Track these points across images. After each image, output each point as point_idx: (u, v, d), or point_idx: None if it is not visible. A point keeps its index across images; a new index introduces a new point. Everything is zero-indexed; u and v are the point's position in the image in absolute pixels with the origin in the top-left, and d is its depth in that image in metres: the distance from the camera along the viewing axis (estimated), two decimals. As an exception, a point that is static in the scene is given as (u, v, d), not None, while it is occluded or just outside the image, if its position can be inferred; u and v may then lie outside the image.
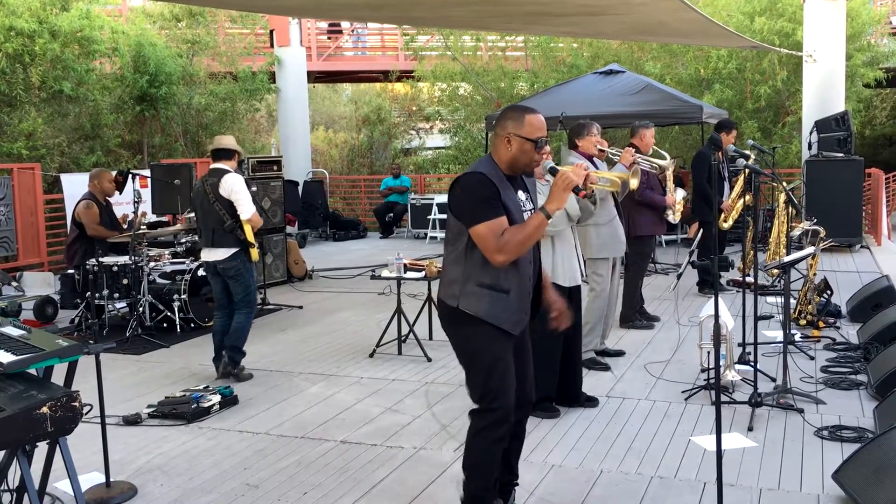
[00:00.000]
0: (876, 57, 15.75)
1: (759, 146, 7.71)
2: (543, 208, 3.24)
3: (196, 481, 4.29)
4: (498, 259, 3.22)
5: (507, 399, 3.35)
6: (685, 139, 16.12)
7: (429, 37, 19.04)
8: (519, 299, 3.36)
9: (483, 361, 3.35)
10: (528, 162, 3.36)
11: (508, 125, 3.35)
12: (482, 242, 3.24)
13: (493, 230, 3.21)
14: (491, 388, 3.34)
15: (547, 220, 3.25)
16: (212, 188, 6.13)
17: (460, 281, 3.34)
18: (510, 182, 3.38)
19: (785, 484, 4.01)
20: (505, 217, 3.25)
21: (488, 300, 3.30)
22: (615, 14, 6.89)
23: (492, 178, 3.28)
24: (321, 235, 15.62)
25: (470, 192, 3.28)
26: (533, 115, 3.35)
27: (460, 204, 3.31)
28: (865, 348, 6.04)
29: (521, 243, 3.22)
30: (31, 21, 12.37)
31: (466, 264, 3.34)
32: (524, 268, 3.37)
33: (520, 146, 3.32)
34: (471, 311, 3.31)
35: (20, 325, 3.67)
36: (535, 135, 3.32)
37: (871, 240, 12.38)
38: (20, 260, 10.78)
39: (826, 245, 7.51)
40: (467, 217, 3.27)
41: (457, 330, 3.42)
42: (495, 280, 3.30)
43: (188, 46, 16.77)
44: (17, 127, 12.68)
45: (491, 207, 3.24)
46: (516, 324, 3.37)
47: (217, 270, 6.20)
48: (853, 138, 11.74)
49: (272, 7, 9.61)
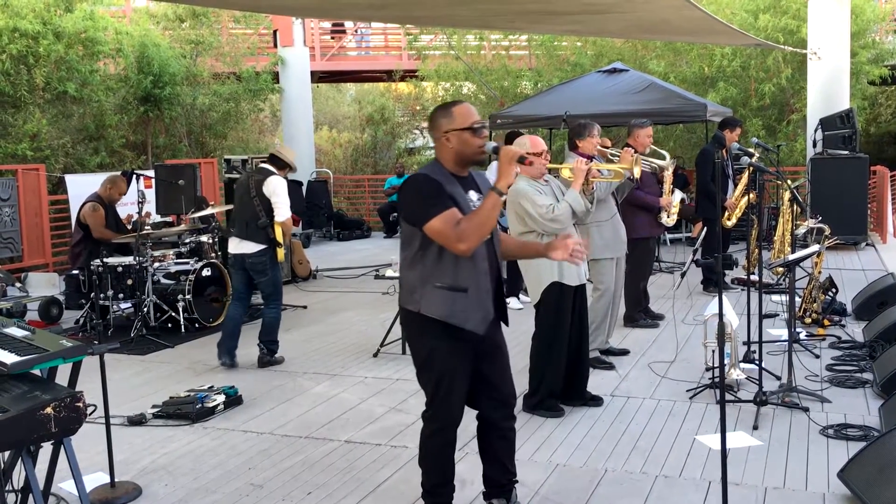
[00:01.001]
0: (881, 54, 15.70)
1: (763, 144, 7.69)
2: (495, 187, 3.24)
3: (201, 481, 4.29)
4: (461, 248, 3.22)
5: (451, 411, 3.44)
6: (689, 137, 16.09)
7: (432, 36, 19.03)
8: (478, 296, 3.37)
9: (433, 373, 3.42)
10: (473, 151, 3.37)
11: (442, 124, 3.39)
12: (440, 237, 3.25)
13: (448, 221, 3.22)
14: (436, 399, 3.44)
15: (500, 198, 3.23)
16: (256, 184, 6.40)
17: (418, 285, 3.37)
18: (460, 182, 3.40)
19: (790, 483, 4.00)
20: (455, 208, 3.27)
21: (448, 301, 3.32)
22: (619, 12, 6.88)
23: (434, 175, 3.33)
24: (325, 235, 15.62)
25: (414, 193, 3.33)
26: (459, 105, 3.40)
27: (409, 207, 3.35)
28: (871, 346, 6.02)
29: (479, 226, 3.22)
30: (35, 22, 12.40)
31: (421, 268, 3.36)
32: (480, 264, 3.37)
33: (458, 138, 3.35)
34: (432, 314, 3.34)
35: (25, 326, 3.67)
36: (468, 122, 3.35)
37: (877, 237, 12.35)
38: (25, 261, 10.80)
39: (831, 243, 7.50)
40: (419, 218, 3.29)
41: (416, 337, 3.48)
42: (452, 279, 3.32)
43: (192, 47, 16.78)
44: (21, 128, 12.70)
45: (438, 201, 3.26)
46: (479, 322, 3.38)
47: (244, 264, 6.41)
48: (858, 136, 11.71)
49: (276, 7, 9.62)
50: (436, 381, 3.41)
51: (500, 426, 3.60)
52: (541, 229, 4.93)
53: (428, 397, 3.49)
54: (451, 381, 3.40)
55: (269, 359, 6.52)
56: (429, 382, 3.45)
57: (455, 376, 3.41)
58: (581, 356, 5.24)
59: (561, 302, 5.02)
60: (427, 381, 3.46)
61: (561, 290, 4.99)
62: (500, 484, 3.68)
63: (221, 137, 17.64)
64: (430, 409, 3.48)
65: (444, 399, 3.42)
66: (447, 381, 3.40)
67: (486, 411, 3.59)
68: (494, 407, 3.56)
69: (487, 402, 3.56)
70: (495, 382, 3.54)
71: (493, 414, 3.58)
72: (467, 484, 4.03)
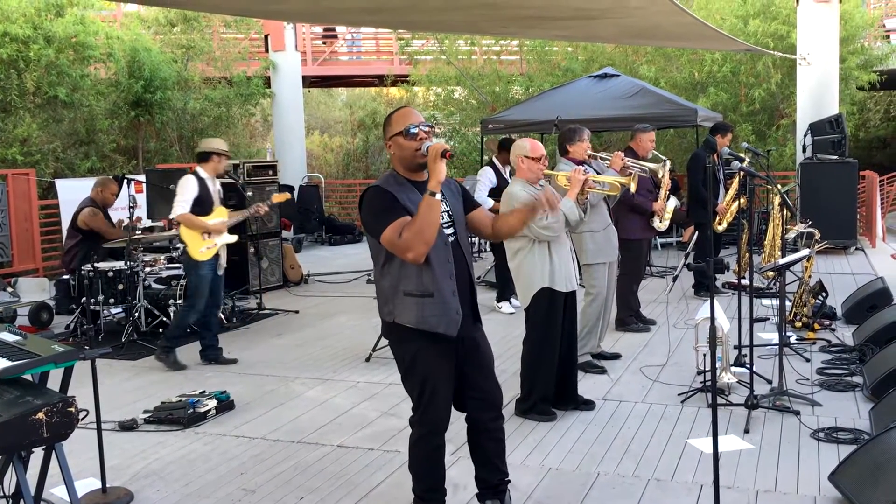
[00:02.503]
0: (869, 60, 15.82)
1: (753, 149, 7.73)
2: (428, 189, 3.23)
3: (193, 486, 4.28)
4: (409, 256, 3.25)
5: (437, 413, 3.47)
6: (680, 142, 16.17)
7: (424, 41, 19.07)
8: (443, 300, 3.37)
9: (416, 378, 3.45)
10: (412, 154, 3.38)
11: (386, 132, 3.46)
12: (391, 246, 3.29)
13: (395, 230, 3.26)
14: (422, 403, 3.46)
15: (434, 198, 3.20)
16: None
17: (390, 295, 3.42)
18: (417, 187, 3.40)
19: (781, 486, 4.02)
20: (406, 217, 3.28)
21: (417, 307, 3.35)
22: (610, 18, 6.92)
23: (386, 186, 3.36)
24: (317, 240, 15.61)
25: (369, 207, 3.37)
26: (399, 111, 3.45)
27: (366, 221, 3.39)
28: (861, 350, 6.05)
29: (419, 232, 3.21)
30: (25, 27, 12.38)
31: (390, 276, 3.41)
32: (441, 267, 3.37)
33: (397, 144, 3.40)
34: (405, 322, 3.38)
35: (15, 331, 3.66)
36: (403, 125, 3.38)
37: (866, 242, 12.42)
38: (15, 266, 10.76)
39: (821, 247, 7.53)
40: (374, 230, 3.33)
41: (396, 345, 3.51)
42: (417, 286, 3.35)
43: (183, 51, 16.78)
44: (11, 132, 12.67)
45: (389, 213, 3.29)
46: (449, 325, 3.39)
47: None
48: (847, 141, 11.77)
49: (267, 12, 9.62)
50: (420, 386, 3.44)
51: (489, 427, 3.61)
52: (532, 235, 4.93)
53: (414, 402, 3.51)
54: (434, 383, 3.42)
55: (162, 357, 6.60)
56: (414, 387, 3.47)
57: (438, 378, 3.43)
58: (571, 360, 5.25)
59: (551, 307, 5.02)
60: (412, 386, 3.48)
61: (552, 295, 5.00)
62: (493, 485, 3.69)
63: (213, 142, 17.59)
64: (417, 414, 3.51)
65: (430, 402, 3.44)
66: (431, 384, 3.42)
67: (474, 412, 3.60)
68: (480, 407, 3.58)
69: (473, 402, 3.58)
70: (478, 382, 3.56)
71: (480, 415, 3.59)
72: (460, 488, 4.03)
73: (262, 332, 7.95)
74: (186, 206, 6.39)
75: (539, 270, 4.94)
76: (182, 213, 6.38)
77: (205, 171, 6.57)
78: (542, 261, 4.95)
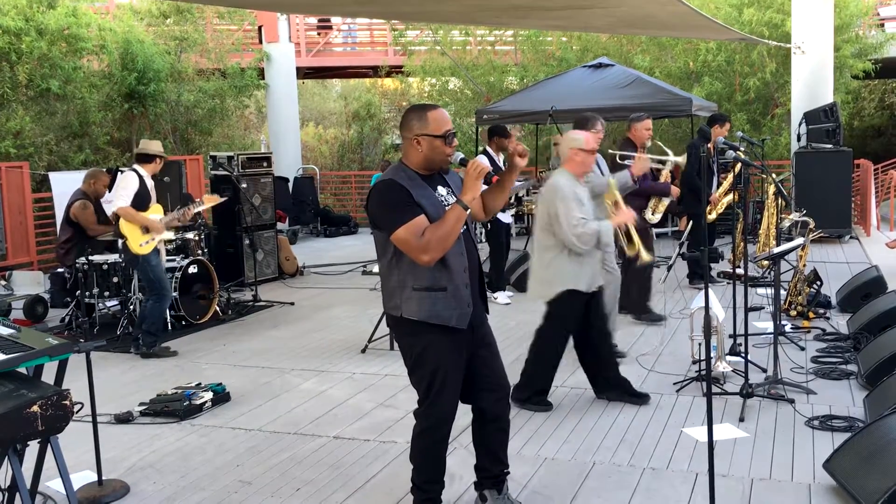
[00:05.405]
0: (864, 48, 15.82)
1: (748, 138, 7.71)
2: (460, 200, 3.26)
3: (189, 479, 4.28)
4: (423, 259, 3.25)
5: (445, 406, 3.46)
6: (675, 132, 16.16)
7: (418, 32, 19.01)
8: (456, 294, 3.38)
9: (426, 369, 3.42)
10: (441, 158, 3.38)
11: (414, 126, 3.37)
12: (404, 246, 3.27)
13: (413, 231, 3.23)
14: (430, 394, 3.44)
15: (465, 212, 3.25)
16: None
17: (398, 289, 3.39)
18: (427, 181, 3.40)
19: (776, 473, 4.03)
20: (423, 216, 3.27)
21: (428, 302, 3.34)
22: (604, 7, 6.89)
23: (401, 181, 3.32)
24: (312, 232, 15.60)
25: (381, 200, 3.33)
26: (435, 111, 3.38)
27: (377, 214, 3.36)
28: (855, 338, 6.07)
29: (442, 239, 3.23)
30: (17, 19, 12.30)
31: (399, 272, 3.38)
32: (455, 262, 3.38)
33: (429, 144, 3.35)
34: (413, 316, 3.36)
35: (10, 324, 3.65)
36: (441, 129, 3.34)
37: (861, 230, 12.45)
38: (9, 259, 10.72)
39: (815, 236, 7.55)
40: (386, 225, 3.30)
41: (404, 339, 3.50)
42: (430, 281, 3.33)
43: (176, 43, 16.70)
44: (4, 125, 12.60)
45: (405, 210, 3.26)
46: (460, 318, 3.39)
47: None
48: (842, 130, 11.78)
49: (261, 3, 9.58)
50: (430, 377, 3.42)
51: (497, 416, 3.61)
52: (562, 236, 4.87)
53: (421, 394, 3.49)
54: (444, 374, 3.41)
55: (143, 350, 6.73)
56: (423, 379, 3.45)
57: (449, 370, 3.42)
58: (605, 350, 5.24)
59: (572, 308, 4.99)
60: (421, 377, 3.46)
61: (574, 296, 4.96)
62: (494, 475, 3.69)
63: (207, 134, 17.57)
64: (424, 406, 3.49)
65: (439, 394, 3.43)
66: (441, 376, 3.40)
67: (483, 402, 3.60)
68: (490, 397, 3.57)
69: (482, 392, 3.57)
70: (487, 373, 3.56)
71: (489, 404, 3.59)
72: (456, 479, 4.04)
73: (258, 325, 7.95)
74: (128, 199, 6.64)
75: (566, 272, 4.92)
76: (123, 207, 6.62)
77: (144, 170, 6.81)
78: (571, 263, 4.93)
